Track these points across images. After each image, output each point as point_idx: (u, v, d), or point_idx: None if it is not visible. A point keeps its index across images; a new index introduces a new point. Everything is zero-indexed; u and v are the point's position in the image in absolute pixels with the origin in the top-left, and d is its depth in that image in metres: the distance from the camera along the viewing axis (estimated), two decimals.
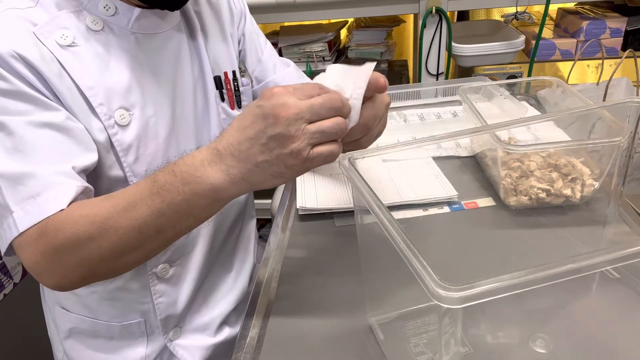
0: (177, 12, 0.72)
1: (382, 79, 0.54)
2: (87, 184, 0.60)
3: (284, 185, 0.93)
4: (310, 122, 0.49)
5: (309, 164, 0.50)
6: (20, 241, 0.56)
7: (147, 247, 0.57)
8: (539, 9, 1.65)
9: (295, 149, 0.48)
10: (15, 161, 0.57)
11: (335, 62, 1.68)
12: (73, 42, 0.62)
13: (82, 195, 0.59)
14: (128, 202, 0.55)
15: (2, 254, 0.60)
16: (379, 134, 0.61)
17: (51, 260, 0.56)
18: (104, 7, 0.64)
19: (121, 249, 0.56)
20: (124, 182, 0.66)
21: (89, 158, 0.61)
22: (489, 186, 0.82)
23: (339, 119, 0.50)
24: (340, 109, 0.50)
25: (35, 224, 0.55)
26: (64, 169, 0.58)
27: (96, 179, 0.65)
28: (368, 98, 0.55)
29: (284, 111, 0.47)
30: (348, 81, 0.54)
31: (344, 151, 0.53)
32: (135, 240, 0.55)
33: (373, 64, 0.54)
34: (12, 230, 0.56)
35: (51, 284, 0.59)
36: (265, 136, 0.48)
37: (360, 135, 0.57)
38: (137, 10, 0.65)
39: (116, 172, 0.66)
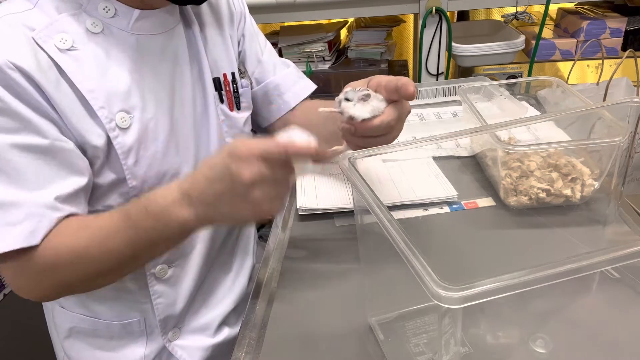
0: (177, 13, 0.72)
1: (412, 87, 0.57)
2: (71, 211, 0.61)
3: None
4: (269, 185, 0.53)
5: (264, 216, 0.56)
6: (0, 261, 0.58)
7: (123, 270, 0.63)
8: (539, 9, 1.65)
9: (257, 210, 0.54)
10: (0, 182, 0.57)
11: (335, 62, 1.68)
12: (72, 46, 0.62)
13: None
14: (106, 235, 0.59)
15: None
16: (396, 136, 0.64)
17: (29, 281, 0.60)
18: (104, 9, 0.64)
19: (98, 274, 0.61)
20: (121, 184, 0.66)
21: (77, 182, 0.61)
22: (489, 186, 0.82)
23: (286, 174, 0.55)
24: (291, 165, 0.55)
25: (10, 251, 0.57)
26: (46, 200, 0.58)
27: (97, 180, 0.65)
28: (395, 101, 0.60)
29: (248, 176, 0.51)
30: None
31: (362, 148, 0.58)
32: (112, 266, 0.61)
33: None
34: None
35: (33, 298, 0.63)
36: (233, 194, 0.53)
37: (384, 132, 0.60)
38: (137, 11, 0.65)
39: (116, 174, 0.66)
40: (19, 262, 0.58)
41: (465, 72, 1.69)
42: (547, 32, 1.66)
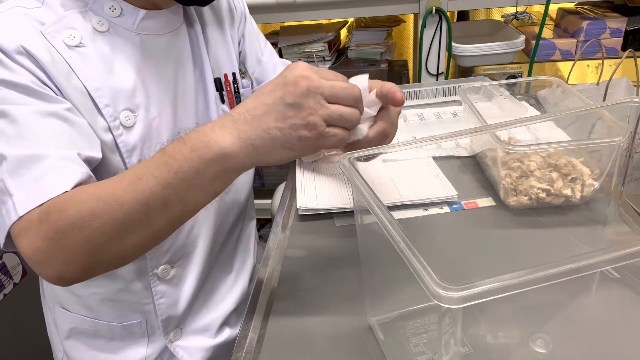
0: (181, 14, 0.72)
1: (399, 94, 0.54)
2: (91, 173, 0.59)
3: (284, 185, 0.93)
4: (329, 102, 0.49)
5: (322, 141, 0.50)
6: (20, 227, 0.53)
7: (153, 224, 0.54)
8: (539, 9, 1.65)
9: (311, 121, 0.48)
10: (19, 147, 0.56)
11: (335, 62, 1.68)
12: (80, 43, 0.62)
13: (86, 183, 0.58)
14: (135, 175, 0.52)
15: (1, 246, 0.59)
16: (391, 139, 0.62)
17: (52, 245, 0.52)
18: (110, 8, 0.64)
19: (126, 226, 0.53)
20: None
21: (92, 153, 0.61)
22: (489, 186, 0.82)
23: (355, 110, 0.51)
24: (358, 101, 0.52)
25: (37, 207, 0.53)
26: (69, 154, 0.57)
27: (100, 179, 0.65)
28: (383, 107, 0.57)
29: (306, 82, 0.48)
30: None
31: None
32: (141, 215, 0.52)
33: (365, 77, 0.56)
34: (11, 215, 0.54)
35: (52, 275, 0.55)
36: (283, 103, 0.48)
37: (379, 144, 0.58)
38: (142, 11, 0.66)
39: (120, 172, 0.66)
40: (42, 221, 0.53)
41: (465, 72, 1.69)
42: (547, 32, 1.66)
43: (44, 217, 0.53)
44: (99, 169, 0.63)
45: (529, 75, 1.52)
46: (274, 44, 1.60)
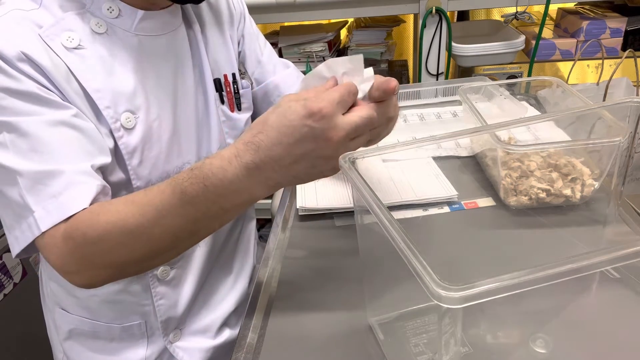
0: (180, 14, 0.72)
1: (394, 81, 0.55)
2: (105, 183, 0.60)
3: None
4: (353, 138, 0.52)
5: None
6: (46, 242, 0.57)
7: (180, 247, 0.60)
8: (539, 9, 1.65)
9: (337, 163, 0.51)
10: (33, 161, 0.56)
11: None
12: (79, 45, 0.62)
13: (102, 194, 0.59)
14: (157, 212, 0.54)
15: (15, 255, 0.60)
16: (386, 134, 0.62)
17: (80, 262, 0.57)
18: (108, 10, 0.64)
19: (154, 253, 0.57)
20: (126, 184, 0.66)
21: (103, 159, 0.62)
22: (489, 186, 0.82)
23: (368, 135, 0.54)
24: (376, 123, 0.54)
25: (59, 224, 0.56)
26: (83, 167, 0.58)
27: (105, 178, 0.65)
28: (381, 101, 0.57)
29: (336, 135, 0.49)
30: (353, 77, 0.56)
31: None
32: (169, 244, 0.57)
33: (360, 57, 0.56)
34: (33, 230, 0.56)
35: (80, 284, 0.60)
36: (314, 156, 0.50)
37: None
38: (141, 12, 0.65)
39: (119, 175, 0.66)
40: (67, 239, 0.56)
41: (465, 72, 1.69)
42: (547, 32, 1.66)
43: (68, 237, 0.56)
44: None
45: (529, 75, 1.52)
46: (274, 44, 1.60)
